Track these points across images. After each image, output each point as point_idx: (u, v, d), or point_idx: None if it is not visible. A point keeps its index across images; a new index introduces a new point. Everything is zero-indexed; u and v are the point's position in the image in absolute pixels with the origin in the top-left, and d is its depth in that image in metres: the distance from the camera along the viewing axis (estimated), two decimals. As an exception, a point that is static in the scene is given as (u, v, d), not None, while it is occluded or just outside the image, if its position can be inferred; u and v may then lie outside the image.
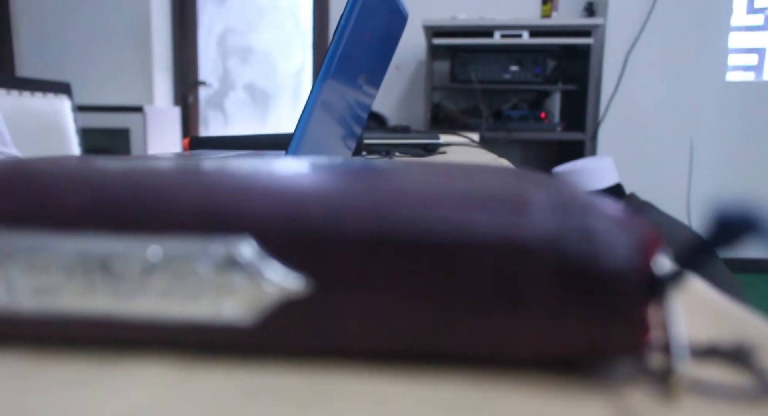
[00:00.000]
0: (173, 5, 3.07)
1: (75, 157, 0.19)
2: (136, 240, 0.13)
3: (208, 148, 0.80)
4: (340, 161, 0.22)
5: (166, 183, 0.13)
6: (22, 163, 0.15)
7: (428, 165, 0.22)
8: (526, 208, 0.13)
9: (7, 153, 0.79)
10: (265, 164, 0.17)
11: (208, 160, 0.20)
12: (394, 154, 0.87)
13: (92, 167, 0.15)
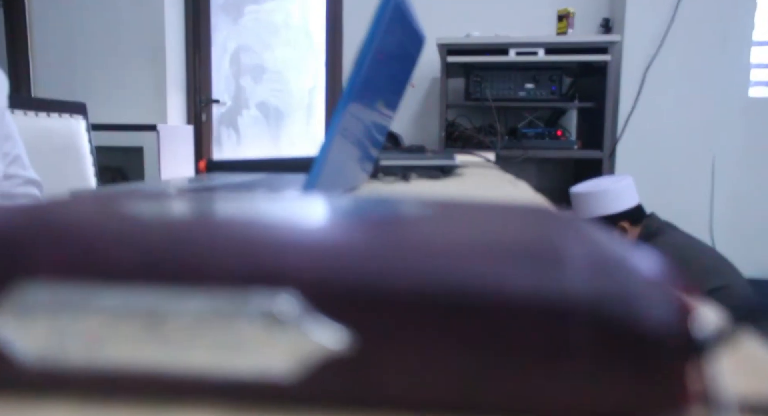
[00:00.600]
0: (187, 24, 3.10)
1: (115, 201, 0.19)
2: (181, 293, 0.13)
3: (225, 171, 0.77)
4: (372, 202, 0.20)
5: (212, 236, 0.14)
6: (68, 212, 0.16)
7: (459, 206, 0.22)
8: (564, 265, 0.13)
9: (25, 176, 0.78)
10: (306, 210, 0.18)
11: (248, 202, 0.20)
12: (410, 177, 0.84)
13: (138, 217, 0.16)
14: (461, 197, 0.49)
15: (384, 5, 0.45)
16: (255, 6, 3.14)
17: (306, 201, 0.21)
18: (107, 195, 0.21)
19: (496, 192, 0.67)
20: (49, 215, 0.15)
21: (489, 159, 1.52)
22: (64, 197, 0.21)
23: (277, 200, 0.21)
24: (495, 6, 2.74)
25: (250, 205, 0.19)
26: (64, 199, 0.20)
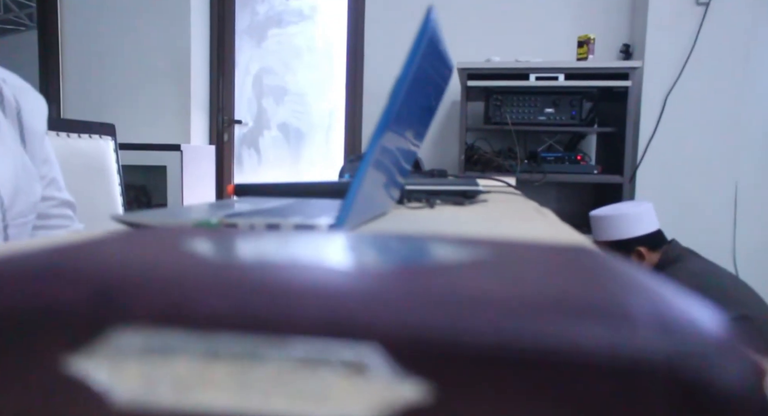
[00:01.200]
0: (212, 47, 3.17)
1: (190, 241, 0.20)
2: (269, 342, 0.13)
3: (252, 195, 0.79)
4: (428, 244, 0.20)
5: (298, 285, 0.14)
6: (155, 257, 0.17)
7: (511, 248, 0.22)
8: (635, 323, 0.13)
9: (61, 198, 0.80)
10: (377, 255, 0.18)
11: (319, 245, 0.20)
12: (435, 202, 0.85)
13: (222, 262, 0.16)
14: (503, 233, 0.50)
15: (420, 37, 0.46)
16: (278, 29, 3.21)
17: (374, 243, 0.21)
18: (175, 232, 0.22)
19: (525, 221, 0.67)
20: (140, 261, 0.16)
21: (510, 183, 1.53)
22: (140, 236, 0.21)
23: (342, 242, 0.22)
24: (515, 32, 2.76)
25: (321, 248, 0.19)
26: (142, 238, 0.21)
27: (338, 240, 0.22)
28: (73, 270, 0.15)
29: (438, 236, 0.24)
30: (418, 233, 0.24)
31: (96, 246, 0.18)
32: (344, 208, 0.47)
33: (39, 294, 0.14)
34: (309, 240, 0.22)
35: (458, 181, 1.23)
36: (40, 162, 0.75)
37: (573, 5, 2.71)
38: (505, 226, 0.59)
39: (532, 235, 0.53)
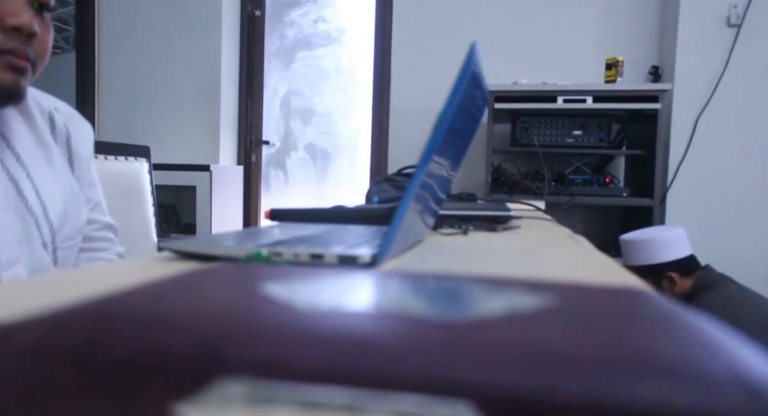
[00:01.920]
0: (241, 70, 3.24)
1: (276, 287, 0.20)
2: (366, 396, 0.14)
3: (289, 221, 0.80)
4: (496, 292, 0.21)
5: (394, 340, 0.15)
6: (245, 306, 0.17)
7: (574, 294, 0.22)
8: (721, 387, 0.13)
9: (104, 221, 0.83)
10: (472, 307, 0.19)
11: (403, 293, 0.20)
12: (469, 229, 0.85)
13: (313, 313, 0.17)
14: (546, 266, 0.50)
15: (464, 73, 0.47)
16: (306, 52, 3.27)
17: (447, 288, 0.22)
18: (249, 272, 0.23)
19: (562, 250, 0.67)
20: (235, 309, 0.17)
21: (539, 207, 1.52)
22: (217, 276, 0.22)
23: (415, 286, 0.22)
24: (542, 54, 2.77)
25: (398, 294, 0.20)
26: (221, 279, 0.22)
27: (410, 284, 0.22)
28: (178, 319, 0.16)
29: (501, 280, 0.24)
30: (483, 276, 0.25)
31: (188, 290, 0.19)
32: (386, 241, 0.48)
33: (149, 343, 0.15)
34: (382, 284, 0.22)
35: (489, 205, 1.23)
36: (86, 186, 0.78)
37: (600, 27, 2.71)
38: (545, 258, 0.59)
39: (571, 264, 0.53)
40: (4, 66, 0.60)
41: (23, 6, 0.61)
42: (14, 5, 0.60)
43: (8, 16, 0.59)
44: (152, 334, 0.15)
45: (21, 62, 0.61)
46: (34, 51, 0.63)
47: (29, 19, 0.60)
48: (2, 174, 0.65)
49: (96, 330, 0.15)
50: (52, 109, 0.74)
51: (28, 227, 0.66)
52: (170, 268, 0.45)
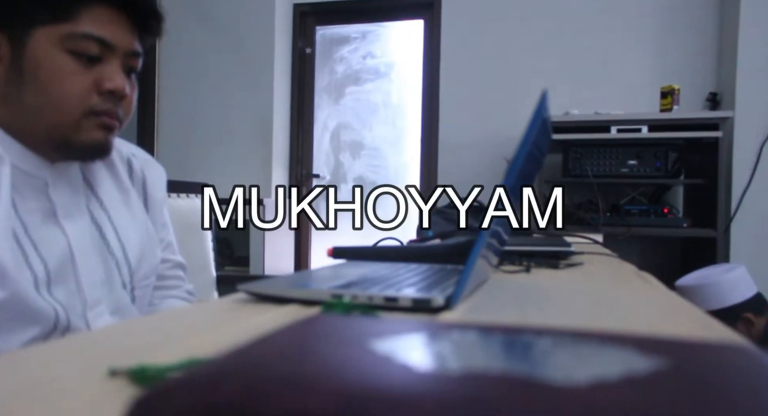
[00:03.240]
0: (293, 105, 3.34)
1: (385, 343, 0.21)
2: None
3: (350, 259, 0.81)
4: (607, 349, 0.21)
5: (536, 411, 0.15)
6: (370, 367, 0.18)
7: (682, 353, 0.22)
8: None
9: (175, 260, 0.87)
10: (591, 368, 0.18)
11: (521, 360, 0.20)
12: (531, 266, 0.84)
13: (437, 376, 0.17)
14: (621, 308, 0.49)
15: (535, 119, 0.47)
16: (355, 87, 3.34)
17: (555, 345, 0.22)
18: (354, 325, 0.23)
19: (632, 290, 0.65)
20: (360, 371, 0.17)
21: (597, 240, 1.48)
22: (323, 330, 0.23)
23: (524, 345, 0.22)
24: (594, 84, 2.74)
25: (515, 355, 0.20)
26: (329, 334, 0.22)
27: (514, 341, 0.22)
28: (310, 379, 0.16)
29: (601, 335, 0.24)
30: (582, 330, 0.24)
31: (309, 346, 0.20)
32: (460, 286, 0.48)
33: (289, 404, 0.15)
34: (488, 340, 0.22)
35: (548, 240, 1.21)
36: (159, 227, 0.81)
37: (654, 55, 2.67)
38: (620, 301, 0.58)
39: (650, 309, 0.52)
40: (97, 126, 0.65)
41: (118, 71, 0.65)
42: (110, 70, 0.65)
43: (106, 81, 0.64)
44: (300, 398, 0.16)
45: (112, 122, 0.66)
46: (122, 110, 0.67)
47: (122, 83, 0.65)
48: (87, 218, 0.69)
49: (249, 393, 0.16)
50: (130, 154, 0.79)
51: (109, 268, 0.69)
52: (252, 311, 0.46)
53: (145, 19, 0.68)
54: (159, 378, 0.28)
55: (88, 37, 0.63)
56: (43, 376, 0.28)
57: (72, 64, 0.63)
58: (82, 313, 0.66)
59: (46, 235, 0.64)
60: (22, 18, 0.62)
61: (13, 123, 0.64)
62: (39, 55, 0.62)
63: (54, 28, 0.62)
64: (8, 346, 0.59)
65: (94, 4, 0.63)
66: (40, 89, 0.62)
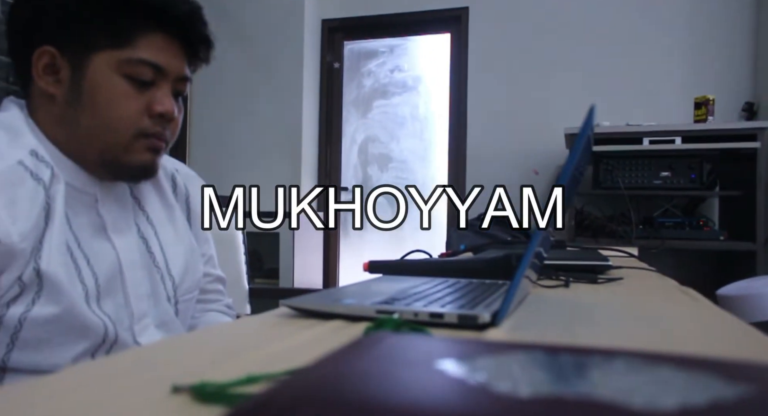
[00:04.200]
0: (321, 119, 3.37)
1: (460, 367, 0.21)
2: None
3: (387, 273, 0.81)
4: (686, 372, 0.20)
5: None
6: (451, 392, 0.18)
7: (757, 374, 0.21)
8: None
9: (215, 274, 0.88)
10: (679, 394, 0.18)
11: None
12: (569, 280, 0.83)
13: (513, 400, 0.17)
14: (671, 324, 0.48)
15: (582, 134, 0.47)
16: (383, 100, 3.36)
17: (640, 370, 0.21)
18: (416, 344, 0.23)
19: (678, 306, 0.64)
20: (440, 397, 0.17)
21: (632, 253, 1.46)
22: (385, 349, 0.23)
23: (605, 369, 0.22)
24: (624, 95, 2.71)
25: (598, 380, 0.20)
26: (394, 356, 0.22)
27: (588, 363, 0.22)
28: (387, 403, 0.16)
29: (676, 357, 0.23)
30: (656, 353, 0.24)
31: (378, 367, 0.20)
32: (506, 302, 0.48)
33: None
34: (560, 363, 0.22)
35: (584, 253, 1.19)
36: (201, 241, 0.83)
37: (687, 65, 2.63)
38: (668, 318, 0.57)
39: (702, 327, 0.50)
40: (146, 147, 0.67)
41: (168, 95, 0.68)
42: (161, 94, 0.67)
43: (157, 105, 0.66)
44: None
45: (160, 144, 0.68)
46: (169, 132, 0.70)
47: (172, 107, 0.68)
48: (135, 233, 0.71)
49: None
50: (173, 170, 0.81)
51: (155, 282, 0.71)
52: (297, 326, 0.46)
53: (197, 45, 0.70)
54: (221, 394, 0.28)
55: (144, 62, 0.65)
56: (108, 392, 0.29)
57: (127, 88, 0.65)
58: (129, 326, 0.67)
59: (97, 249, 0.66)
60: (84, 43, 0.64)
61: (68, 143, 0.66)
62: (97, 78, 0.64)
63: (113, 53, 0.64)
64: (60, 360, 0.60)
65: (150, 31, 0.65)
66: (96, 111, 0.64)
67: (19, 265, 0.57)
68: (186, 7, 0.68)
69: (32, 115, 0.66)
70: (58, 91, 0.65)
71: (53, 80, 0.65)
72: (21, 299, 0.58)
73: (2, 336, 0.58)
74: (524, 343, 0.27)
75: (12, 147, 0.60)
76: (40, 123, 0.66)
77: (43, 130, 0.66)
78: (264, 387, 0.27)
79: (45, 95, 0.65)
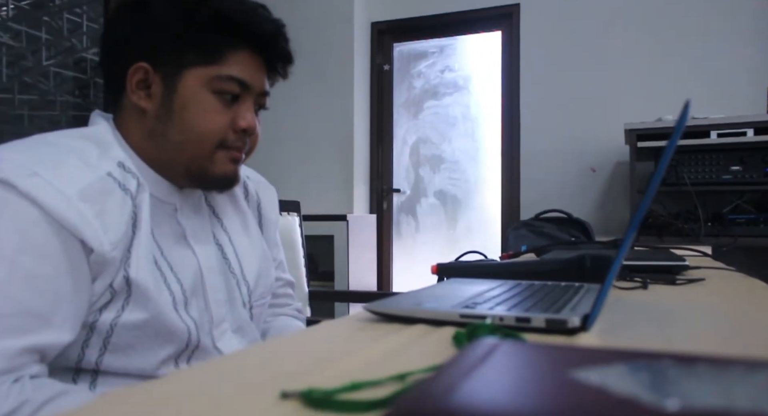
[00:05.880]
0: (372, 122, 3.38)
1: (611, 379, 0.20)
2: None
3: (455, 276, 0.80)
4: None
5: None
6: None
7: None
8: None
9: (285, 278, 0.90)
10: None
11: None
12: (647, 282, 0.79)
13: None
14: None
15: (677, 131, 0.45)
16: (434, 101, 3.34)
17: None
18: (556, 354, 0.22)
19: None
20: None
21: (706, 253, 1.39)
22: (524, 360, 0.22)
23: (730, 379, 0.21)
24: (689, 86, 2.60)
25: (744, 392, 0.19)
26: (532, 367, 0.21)
27: (730, 375, 0.21)
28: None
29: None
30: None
31: (509, 376, 0.19)
32: (597, 306, 0.46)
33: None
34: (697, 372, 0.21)
35: (656, 253, 1.15)
36: (272, 246, 0.84)
37: (756, 53, 2.50)
38: (763, 318, 0.53)
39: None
40: (228, 159, 0.70)
41: (251, 109, 0.71)
42: (245, 109, 0.70)
43: (241, 120, 0.69)
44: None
45: (240, 155, 0.71)
46: (249, 144, 0.73)
47: (254, 122, 0.71)
48: (212, 240, 0.73)
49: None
50: (245, 177, 0.83)
51: (231, 288, 0.73)
52: (383, 331, 0.46)
53: (278, 62, 0.73)
54: (328, 401, 0.28)
55: (232, 78, 0.68)
56: (218, 399, 0.29)
57: (215, 103, 0.67)
58: (208, 331, 0.69)
59: (180, 257, 0.68)
60: (177, 60, 0.67)
61: (155, 154, 0.68)
62: (188, 94, 0.66)
63: (204, 70, 0.67)
64: (147, 364, 0.62)
65: (238, 49, 0.68)
66: (186, 125, 0.66)
67: (110, 273, 0.59)
68: (271, 25, 0.70)
69: (120, 128, 0.69)
70: (149, 106, 0.67)
71: (145, 95, 0.67)
72: (112, 305, 0.60)
73: (95, 340, 0.60)
74: (651, 351, 0.25)
75: (101, 159, 0.62)
76: (129, 135, 0.69)
77: (130, 142, 0.68)
78: (372, 393, 0.27)
79: (136, 109, 0.68)
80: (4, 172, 0.55)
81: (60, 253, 0.56)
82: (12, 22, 2.59)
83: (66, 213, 0.56)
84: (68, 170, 0.58)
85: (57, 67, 2.71)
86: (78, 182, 0.58)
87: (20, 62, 2.61)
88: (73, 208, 0.56)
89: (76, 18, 2.75)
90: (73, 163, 0.59)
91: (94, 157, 0.61)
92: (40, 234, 0.55)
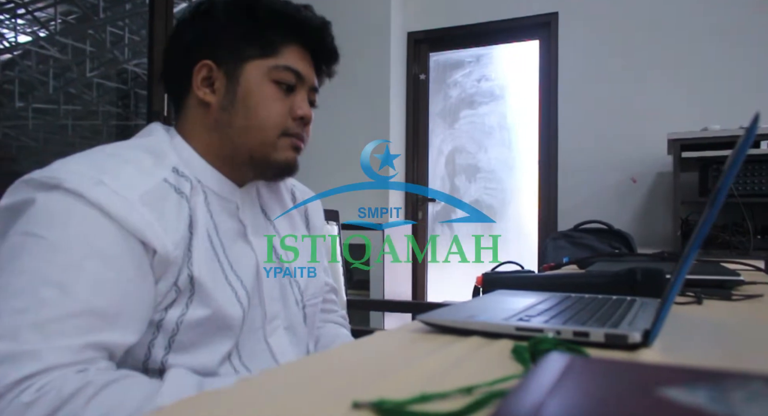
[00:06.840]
0: (407, 131, 3.39)
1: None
2: None
3: (502, 287, 0.79)
4: None
5: None
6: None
7: None
8: None
9: (331, 283, 0.91)
10: None
11: None
12: (701, 297, 0.77)
13: None
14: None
15: (744, 145, 0.44)
16: (470, 111, 3.33)
17: None
18: (636, 372, 0.22)
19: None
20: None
21: (759, 267, 1.34)
22: (604, 378, 0.22)
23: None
24: (736, 95, 2.53)
25: None
26: (613, 385, 0.21)
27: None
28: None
29: None
30: None
31: (599, 394, 0.19)
32: (659, 321, 0.45)
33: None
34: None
35: (708, 267, 1.11)
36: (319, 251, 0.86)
37: (805, 62, 2.42)
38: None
39: None
40: (290, 146, 0.74)
41: (305, 100, 0.76)
42: (300, 99, 0.75)
43: (297, 108, 0.74)
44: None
45: (301, 143, 0.76)
46: (306, 133, 0.77)
47: (310, 111, 0.76)
48: (263, 238, 0.75)
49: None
50: (292, 185, 0.86)
51: (284, 285, 0.75)
52: (438, 343, 0.46)
53: (325, 59, 0.79)
54: (399, 412, 0.28)
55: (289, 69, 0.73)
56: (291, 407, 0.30)
57: (275, 92, 0.73)
58: (261, 326, 0.71)
59: (240, 254, 0.71)
60: (238, 55, 0.72)
61: (220, 148, 0.72)
62: (250, 84, 0.72)
63: (262, 62, 0.72)
64: (208, 361, 0.64)
65: (291, 43, 0.74)
66: (250, 113, 0.71)
67: (173, 272, 0.62)
68: (319, 20, 0.76)
69: (184, 129, 0.74)
70: (213, 99, 0.72)
71: (210, 90, 0.72)
72: (177, 303, 0.63)
73: (161, 339, 0.63)
74: (738, 371, 0.25)
75: (157, 167, 0.65)
76: (193, 134, 0.73)
77: (194, 142, 0.72)
78: (440, 405, 0.27)
79: (201, 104, 0.73)
80: (72, 182, 0.58)
81: (125, 257, 0.58)
82: (59, 36, 2.70)
83: (130, 218, 0.58)
84: (128, 178, 0.61)
85: (100, 78, 2.81)
86: (138, 188, 0.61)
87: (66, 74, 2.72)
88: (136, 212, 0.59)
89: (119, 31, 2.85)
90: (131, 172, 0.62)
91: (150, 166, 0.65)
92: (106, 240, 0.57)
